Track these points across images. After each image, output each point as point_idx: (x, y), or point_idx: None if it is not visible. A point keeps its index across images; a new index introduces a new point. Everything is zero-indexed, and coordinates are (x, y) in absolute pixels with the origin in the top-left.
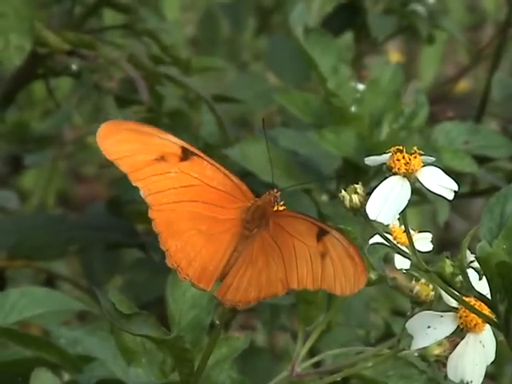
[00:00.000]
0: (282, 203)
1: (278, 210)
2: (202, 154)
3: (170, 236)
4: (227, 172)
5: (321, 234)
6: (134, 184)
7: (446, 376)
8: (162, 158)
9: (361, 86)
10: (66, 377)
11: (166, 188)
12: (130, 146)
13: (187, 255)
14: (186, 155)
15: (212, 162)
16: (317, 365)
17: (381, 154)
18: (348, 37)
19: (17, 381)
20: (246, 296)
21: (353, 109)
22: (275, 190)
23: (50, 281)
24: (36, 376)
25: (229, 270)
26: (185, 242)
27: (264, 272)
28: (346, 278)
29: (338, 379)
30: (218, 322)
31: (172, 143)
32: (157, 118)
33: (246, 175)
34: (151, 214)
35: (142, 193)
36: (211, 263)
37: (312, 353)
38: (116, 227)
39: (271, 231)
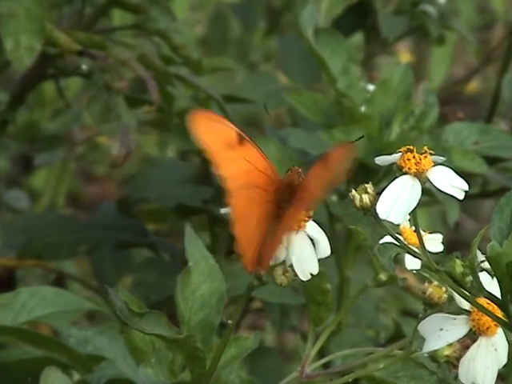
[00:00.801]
0: None
1: (301, 181)
2: (248, 138)
3: (237, 221)
4: (264, 155)
5: (325, 159)
6: (215, 172)
7: (456, 377)
8: (229, 145)
9: (371, 87)
10: (76, 376)
11: (234, 173)
12: (213, 137)
13: (245, 241)
14: (241, 141)
15: (256, 145)
16: (326, 366)
17: (390, 154)
18: (358, 37)
19: (27, 380)
20: (275, 246)
21: (363, 109)
22: (296, 167)
23: (60, 280)
24: (46, 375)
25: (264, 249)
26: (245, 228)
27: (294, 222)
28: (342, 166)
29: (349, 380)
30: (229, 321)
31: (231, 129)
32: (167, 118)
33: None
34: (228, 200)
35: (221, 180)
36: (256, 246)
37: (322, 354)
38: (126, 227)
39: (298, 196)
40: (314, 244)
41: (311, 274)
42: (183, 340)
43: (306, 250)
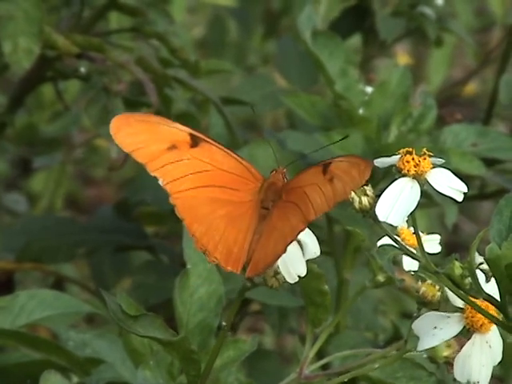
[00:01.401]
0: None
1: (287, 181)
2: (209, 140)
3: (194, 221)
4: (235, 155)
5: (326, 167)
6: (152, 174)
7: (454, 378)
8: (174, 146)
9: (369, 89)
10: (75, 379)
11: (182, 175)
12: (142, 137)
13: (212, 238)
14: (195, 141)
15: (220, 146)
16: (325, 367)
17: (389, 156)
18: (356, 39)
19: (26, 383)
20: (275, 252)
21: (361, 111)
22: (281, 168)
23: (59, 283)
24: (45, 378)
25: (253, 252)
26: (208, 226)
27: (286, 226)
28: (353, 181)
29: (346, 380)
30: (224, 323)
31: (180, 131)
32: None
33: None
34: (172, 200)
35: (160, 182)
36: (235, 245)
37: (320, 355)
38: (125, 230)
39: (284, 198)
40: (301, 246)
41: (299, 276)
42: (178, 342)
43: (292, 253)
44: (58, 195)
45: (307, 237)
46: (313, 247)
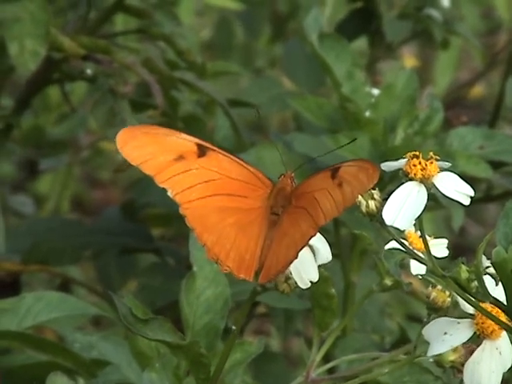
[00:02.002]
0: None
1: (296, 186)
2: (216, 148)
3: (204, 230)
4: (243, 162)
5: (334, 172)
6: (160, 185)
7: (461, 382)
8: (181, 157)
9: (375, 91)
10: (81, 381)
11: (190, 185)
12: (149, 149)
13: (224, 247)
14: (202, 151)
15: (227, 154)
16: (332, 370)
17: (395, 159)
18: (363, 42)
19: None
20: (287, 259)
21: (367, 114)
22: (289, 172)
23: (65, 285)
24: (51, 380)
25: (265, 258)
26: (219, 235)
27: (296, 231)
28: (362, 186)
29: None
30: (233, 326)
31: (187, 141)
32: (171, 122)
33: None
34: (182, 211)
35: (169, 193)
36: (247, 253)
37: (327, 358)
38: (131, 232)
39: (294, 203)
40: (313, 251)
41: (311, 282)
42: (187, 346)
43: (304, 258)
44: (65, 197)
45: (319, 242)
46: (325, 252)
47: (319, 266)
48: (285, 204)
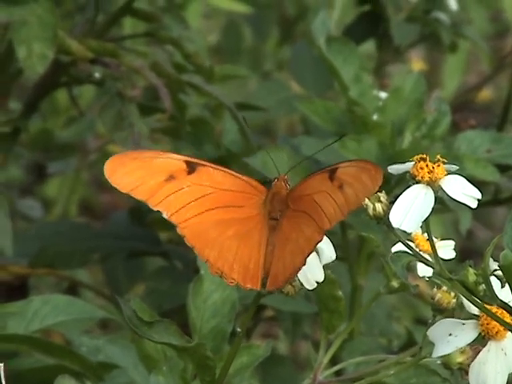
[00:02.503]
0: None
1: (290, 188)
2: (205, 163)
3: (205, 246)
4: (234, 172)
5: (332, 174)
6: (154, 209)
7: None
8: (172, 177)
9: (383, 94)
10: None
11: (184, 204)
12: (138, 175)
13: (226, 260)
14: (191, 168)
15: (216, 167)
16: (339, 373)
17: (403, 163)
18: (370, 45)
19: None
20: (294, 265)
21: (375, 117)
22: (282, 175)
23: (73, 289)
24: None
25: (270, 264)
26: (220, 249)
27: (300, 237)
28: (365, 188)
29: None
30: (239, 329)
31: (175, 160)
32: (179, 126)
33: None
34: (180, 231)
35: (164, 215)
36: (250, 262)
37: (334, 361)
38: (138, 236)
39: (292, 206)
40: (317, 251)
41: (317, 282)
42: (193, 348)
43: (309, 259)
44: (73, 201)
45: (323, 243)
46: (328, 252)
47: (324, 267)
48: (282, 208)
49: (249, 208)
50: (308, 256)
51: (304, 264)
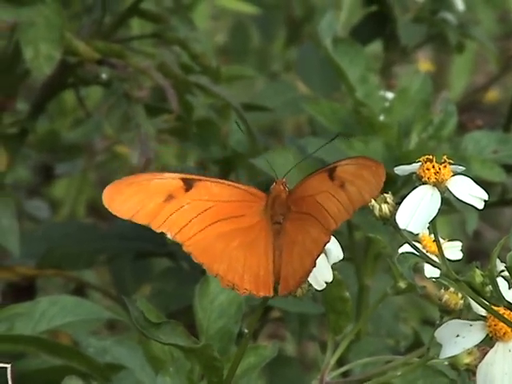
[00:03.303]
0: None
1: (290, 191)
2: (201, 177)
3: (213, 261)
4: (231, 182)
5: (331, 173)
6: (158, 231)
7: None
8: (171, 196)
9: (390, 95)
10: None
11: (186, 221)
12: (136, 199)
13: (236, 272)
14: (188, 184)
15: (213, 179)
16: (346, 374)
17: (409, 164)
18: (377, 45)
19: None
20: (304, 268)
21: (381, 118)
22: (280, 178)
23: (80, 290)
24: None
25: (279, 268)
26: (228, 261)
27: (307, 238)
28: (369, 185)
29: None
30: (246, 330)
31: (171, 179)
32: (186, 126)
33: None
34: (186, 249)
35: (168, 236)
36: (260, 269)
37: (341, 362)
38: (145, 236)
39: (294, 209)
40: (325, 252)
41: (326, 283)
42: (200, 349)
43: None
44: (80, 202)
45: (330, 243)
46: (336, 252)
47: (332, 268)
48: (284, 211)
49: (250, 216)
50: (317, 257)
51: (314, 266)
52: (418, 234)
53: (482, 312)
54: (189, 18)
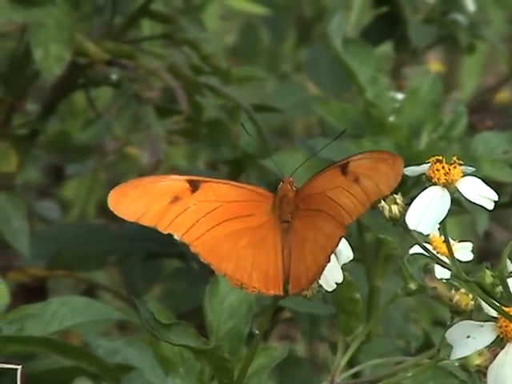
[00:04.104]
0: None
1: (298, 189)
2: (207, 178)
3: (221, 261)
4: (237, 183)
5: (344, 168)
6: (165, 233)
7: None
8: (177, 198)
9: (400, 96)
10: None
11: (193, 222)
12: (142, 202)
13: (245, 270)
14: (194, 186)
15: (219, 180)
16: (356, 375)
17: (419, 164)
18: (388, 46)
19: None
20: (318, 264)
21: (391, 119)
22: (287, 178)
23: (91, 291)
24: None
25: (289, 267)
26: (236, 260)
27: (319, 235)
28: (386, 177)
29: None
30: (257, 331)
31: (177, 181)
32: (196, 127)
33: None
34: (193, 250)
35: (176, 237)
36: (269, 267)
37: (351, 363)
38: (155, 237)
39: (302, 206)
40: (335, 253)
41: (336, 284)
42: (211, 350)
43: None
44: (90, 203)
45: (341, 244)
46: (346, 252)
47: (342, 269)
48: (292, 210)
49: (258, 215)
50: (332, 252)
51: (328, 261)
52: (428, 235)
53: (493, 313)
54: (198, 19)
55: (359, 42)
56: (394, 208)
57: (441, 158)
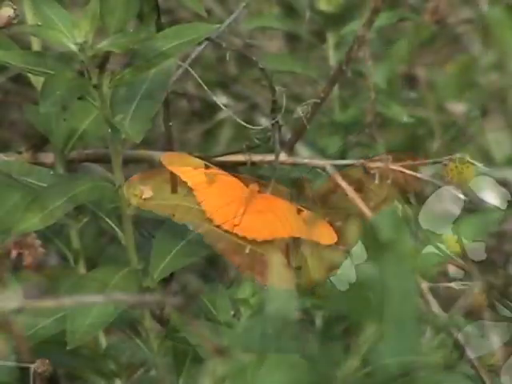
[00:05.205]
0: None
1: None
2: (223, 172)
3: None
4: (249, 177)
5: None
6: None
7: None
8: (192, 189)
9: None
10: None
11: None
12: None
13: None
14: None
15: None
16: (368, 376)
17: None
18: None
19: None
20: None
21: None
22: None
23: None
24: None
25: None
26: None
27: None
28: None
29: None
30: None
31: (194, 172)
32: None
33: None
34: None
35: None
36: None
37: (364, 364)
38: None
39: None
40: (350, 253)
41: (349, 284)
42: None
43: (342, 259)
44: None
45: (355, 244)
46: (360, 253)
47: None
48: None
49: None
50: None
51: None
52: (441, 235)
53: (507, 313)
54: None
55: None
56: (407, 207)
57: (454, 157)
